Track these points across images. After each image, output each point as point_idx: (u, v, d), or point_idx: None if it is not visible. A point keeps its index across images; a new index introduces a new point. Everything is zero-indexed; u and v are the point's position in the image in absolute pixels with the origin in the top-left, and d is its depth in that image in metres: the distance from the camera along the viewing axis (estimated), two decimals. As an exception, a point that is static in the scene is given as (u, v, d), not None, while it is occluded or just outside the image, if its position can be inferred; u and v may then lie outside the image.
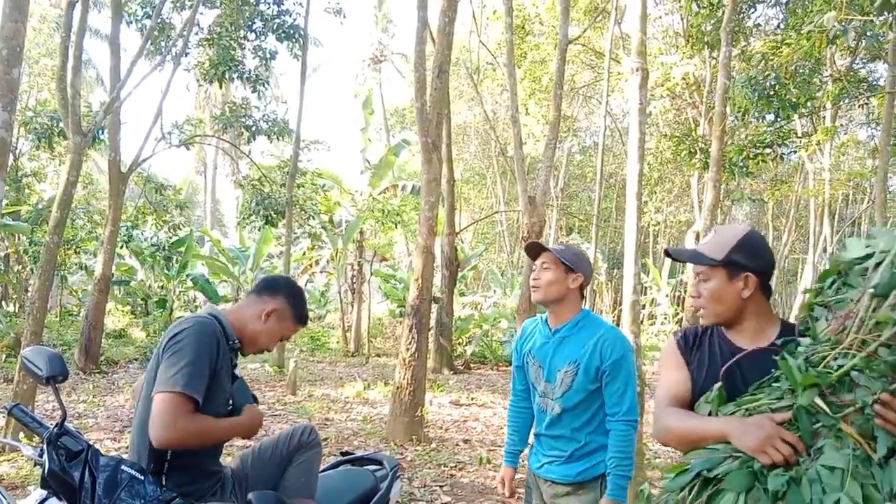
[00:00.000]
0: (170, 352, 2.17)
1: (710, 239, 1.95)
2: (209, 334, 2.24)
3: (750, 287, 1.86)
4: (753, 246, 1.89)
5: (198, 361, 2.16)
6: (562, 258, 2.61)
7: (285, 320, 2.49)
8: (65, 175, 6.50)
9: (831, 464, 1.46)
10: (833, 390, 1.56)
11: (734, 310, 1.88)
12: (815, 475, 1.46)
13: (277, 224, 13.55)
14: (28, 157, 16.64)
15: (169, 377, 2.11)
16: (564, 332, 2.64)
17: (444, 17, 7.24)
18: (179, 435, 2.10)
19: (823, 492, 1.43)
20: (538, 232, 8.32)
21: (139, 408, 2.30)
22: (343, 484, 2.81)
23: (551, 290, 2.62)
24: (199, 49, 12.56)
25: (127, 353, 12.81)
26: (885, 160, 10.05)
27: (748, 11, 10.90)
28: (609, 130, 19.04)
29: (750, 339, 1.88)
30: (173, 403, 2.09)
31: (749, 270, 1.86)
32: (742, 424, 1.60)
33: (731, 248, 1.87)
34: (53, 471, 2.12)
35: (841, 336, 1.62)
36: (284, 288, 2.52)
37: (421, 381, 7.01)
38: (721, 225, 2.10)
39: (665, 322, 22.33)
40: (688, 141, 11.65)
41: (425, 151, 7.12)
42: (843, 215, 23.23)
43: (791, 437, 1.52)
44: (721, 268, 1.87)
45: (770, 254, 1.93)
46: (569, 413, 2.62)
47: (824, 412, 1.53)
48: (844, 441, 1.49)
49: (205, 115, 24.73)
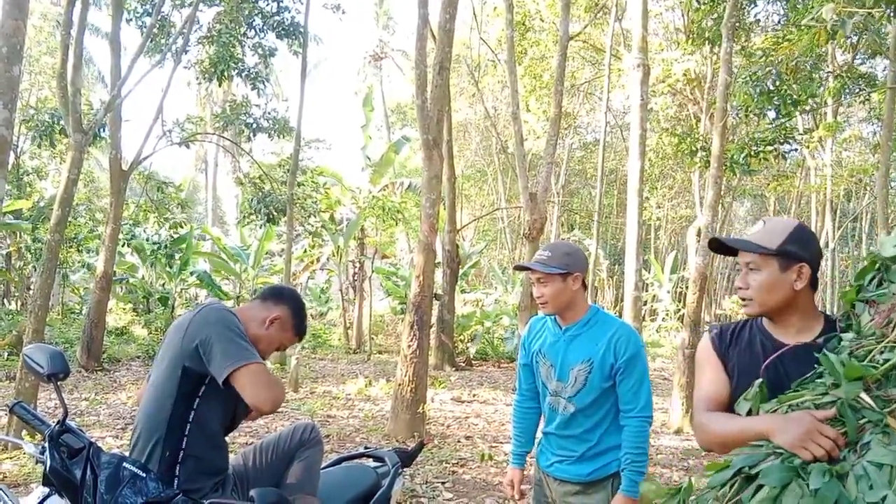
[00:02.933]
0: (213, 336, 2.19)
1: (761, 229, 1.89)
2: (232, 315, 2.32)
3: (803, 279, 1.80)
4: (807, 237, 1.85)
5: (243, 335, 2.25)
6: (551, 269, 2.52)
7: (287, 330, 2.50)
8: (66, 173, 6.51)
9: (878, 460, 1.41)
10: (879, 385, 1.52)
11: (784, 302, 1.82)
12: (861, 471, 1.41)
13: (278, 222, 13.55)
14: (29, 155, 16.67)
15: (236, 353, 2.17)
16: (575, 330, 2.60)
17: (445, 14, 7.23)
18: (280, 392, 2.21)
19: (870, 488, 1.38)
20: (539, 228, 8.32)
21: (147, 406, 2.29)
22: (345, 480, 2.81)
23: (559, 301, 2.56)
24: (200, 47, 12.55)
25: (129, 350, 12.83)
26: (887, 155, 10.03)
27: (749, 7, 10.87)
28: (610, 127, 19.04)
29: (794, 334, 1.83)
30: (258, 370, 2.17)
31: (803, 261, 1.80)
32: (782, 421, 1.57)
33: (784, 238, 1.81)
34: (55, 468, 2.12)
35: (886, 330, 1.58)
36: (289, 298, 2.53)
37: (422, 378, 7.01)
38: (770, 218, 2.04)
39: (666, 318, 22.33)
40: (689, 139, 11.64)
41: (426, 148, 7.12)
42: (845, 211, 23.21)
43: (831, 431, 1.48)
44: (774, 257, 1.81)
45: (818, 245, 1.89)
46: (582, 412, 2.58)
47: (870, 407, 1.49)
48: (892, 437, 1.44)
49: (206, 113, 24.72)
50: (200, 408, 2.27)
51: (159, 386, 2.27)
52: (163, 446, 2.22)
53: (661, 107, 15.52)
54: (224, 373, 2.14)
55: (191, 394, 2.25)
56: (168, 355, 2.28)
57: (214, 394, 2.24)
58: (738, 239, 1.91)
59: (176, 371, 2.23)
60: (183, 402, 2.24)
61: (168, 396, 2.23)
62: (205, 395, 2.27)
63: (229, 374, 2.13)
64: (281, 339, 2.49)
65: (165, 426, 2.22)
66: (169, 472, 2.22)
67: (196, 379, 2.24)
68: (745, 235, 1.95)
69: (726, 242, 1.92)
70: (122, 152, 10.79)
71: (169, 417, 2.23)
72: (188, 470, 2.25)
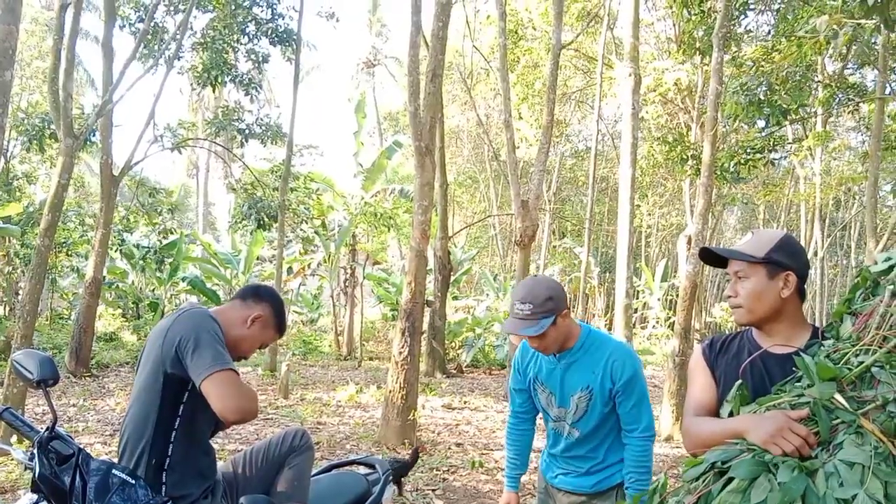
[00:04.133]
0: (190, 342, 2.16)
1: (750, 239, 1.95)
2: (211, 319, 2.29)
3: (790, 287, 1.85)
4: (794, 247, 1.91)
5: (220, 341, 2.21)
6: (542, 325, 2.41)
7: (268, 328, 2.50)
8: (56, 178, 6.48)
9: (850, 459, 1.43)
10: (854, 387, 1.56)
11: (772, 310, 1.87)
12: (832, 469, 1.44)
13: (270, 228, 13.53)
14: (19, 160, 16.57)
15: (209, 360, 2.13)
16: (570, 357, 2.57)
17: (438, 22, 7.26)
18: (248, 403, 2.15)
19: (840, 485, 1.41)
20: (531, 235, 8.34)
21: (133, 412, 2.29)
22: (335, 488, 2.81)
23: (556, 342, 2.50)
24: (193, 52, 12.53)
25: (118, 356, 12.74)
26: (876, 165, 10.13)
27: (739, 18, 10.96)
28: (601, 135, 19.13)
29: (781, 342, 1.87)
30: (227, 378, 2.13)
31: (790, 270, 1.86)
32: (757, 419, 1.63)
33: (771, 247, 1.87)
34: (44, 475, 2.11)
35: (863, 334, 1.62)
36: (268, 296, 2.53)
37: (413, 385, 7.01)
38: (759, 230, 2.13)
39: (657, 325, 22.39)
40: (680, 147, 11.69)
41: (418, 155, 7.13)
42: (834, 220, 23.36)
43: (802, 429, 1.53)
44: (761, 265, 1.87)
45: (806, 256, 1.94)
46: (586, 436, 2.60)
47: (844, 408, 1.52)
48: (866, 438, 1.47)
49: (198, 119, 24.68)
50: (185, 413, 2.27)
51: (143, 392, 2.26)
52: (149, 453, 2.21)
53: (653, 116, 15.60)
54: (198, 380, 2.13)
55: (175, 399, 2.24)
56: (150, 361, 2.27)
57: (198, 399, 2.21)
58: (728, 249, 1.97)
59: (158, 377, 2.22)
60: (167, 408, 2.24)
61: (152, 403, 2.23)
62: (189, 400, 2.26)
63: (201, 381, 2.13)
64: (263, 337, 2.49)
65: (151, 433, 2.22)
66: (156, 478, 2.22)
67: (178, 384, 2.23)
68: (734, 246, 2.00)
69: (716, 252, 1.97)
70: (112, 157, 10.76)
71: (155, 424, 2.22)
72: (175, 476, 2.24)
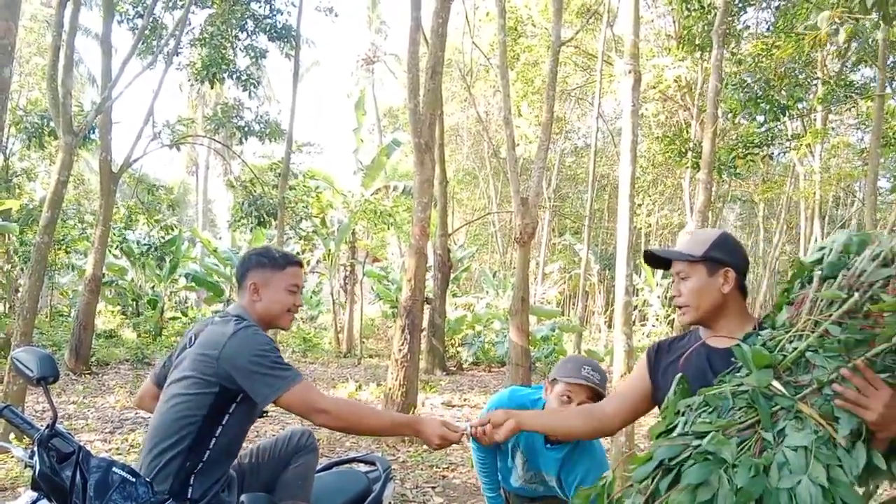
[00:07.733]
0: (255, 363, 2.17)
1: (688, 240, 2.05)
2: (261, 333, 2.29)
3: (729, 282, 1.93)
4: (731, 244, 1.98)
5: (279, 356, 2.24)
6: None
7: (270, 280, 2.42)
8: (55, 175, 6.47)
9: (794, 444, 1.47)
10: (790, 372, 1.60)
11: (714, 306, 1.94)
12: (782, 458, 1.47)
13: (269, 225, 13.52)
14: (19, 157, 16.56)
15: (279, 379, 2.17)
16: (559, 450, 2.63)
17: (438, 19, 7.25)
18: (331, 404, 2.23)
19: (790, 472, 1.44)
20: (531, 233, 8.33)
21: (166, 418, 2.25)
22: (336, 485, 2.80)
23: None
24: (191, 49, 12.52)
25: (117, 353, 12.74)
26: (876, 162, 10.11)
27: (739, 14, 10.94)
28: (601, 132, 19.11)
29: (726, 336, 1.91)
30: (304, 389, 2.18)
31: (728, 266, 1.93)
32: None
33: (709, 246, 1.94)
34: (44, 472, 2.10)
35: (796, 321, 1.67)
36: (247, 260, 2.48)
37: (413, 382, 7.01)
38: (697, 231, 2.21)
39: (657, 323, 22.38)
40: (678, 140, 11.69)
41: (418, 152, 7.12)
42: (834, 217, 23.35)
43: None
44: (701, 264, 1.94)
45: (745, 252, 2.02)
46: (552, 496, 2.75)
47: (782, 394, 1.56)
48: (806, 422, 1.50)
49: (197, 115, 24.64)
50: (228, 423, 2.27)
51: (183, 399, 2.22)
52: (183, 458, 2.19)
53: (652, 113, 15.59)
54: (268, 400, 2.18)
55: (221, 409, 2.25)
56: (196, 370, 2.22)
57: (243, 409, 2.26)
58: (668, 250, 2.06)
59: (209, 388, 2.20)
60: (213, 417, 2.23)
61: (196, 410, 2.20)
62: (235, 411, 2.27)
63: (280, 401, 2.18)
64: (275, 294, 2.41)
65: (191, 440, 2.20)
66: (184, 483, 2.21)
67: (230, 397, 2.24)
68: (675, 246, 2.11)
69: (659, 254, 2.06)
70: (112, 154, 10.74)
71: (196, 432, 2.20)
72: (202, 481, 2.24)
